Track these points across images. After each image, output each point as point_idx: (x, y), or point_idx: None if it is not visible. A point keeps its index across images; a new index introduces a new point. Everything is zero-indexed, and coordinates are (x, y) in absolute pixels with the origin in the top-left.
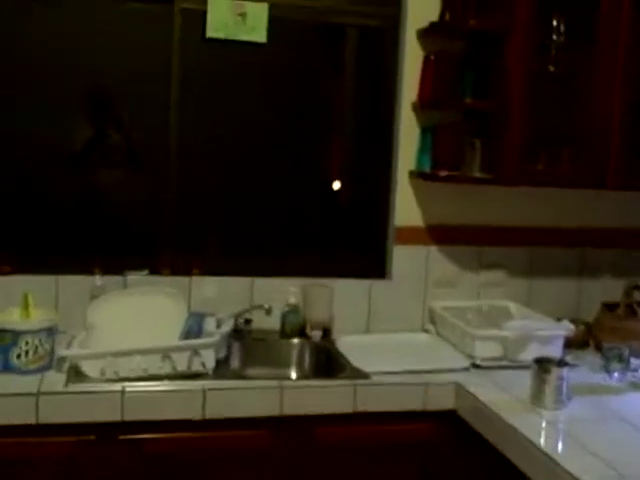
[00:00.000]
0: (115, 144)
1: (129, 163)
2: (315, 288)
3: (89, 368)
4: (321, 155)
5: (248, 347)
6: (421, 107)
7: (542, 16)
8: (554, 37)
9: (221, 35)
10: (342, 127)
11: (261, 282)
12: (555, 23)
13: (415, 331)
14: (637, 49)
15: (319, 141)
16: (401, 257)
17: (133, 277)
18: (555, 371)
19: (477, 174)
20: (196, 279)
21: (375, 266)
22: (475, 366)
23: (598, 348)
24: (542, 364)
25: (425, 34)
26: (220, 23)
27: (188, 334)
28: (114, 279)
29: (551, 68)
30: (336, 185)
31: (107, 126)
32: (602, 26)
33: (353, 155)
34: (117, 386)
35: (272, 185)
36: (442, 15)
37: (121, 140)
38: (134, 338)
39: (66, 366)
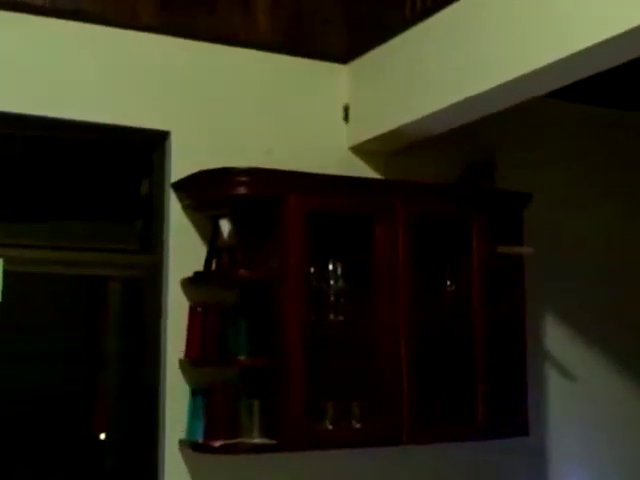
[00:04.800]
0: None
1: None
2: None
3: None
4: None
5: None
6: (189, 365)
7: (318, 261)
8: (332, 282)
9: None
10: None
11: None
12: (332, 267)
13: None
14: (417, 293)
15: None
16: None
17: None
18: None
19: (257, 440)
20: None
21: None
22: None
23: None
24: None
25: (190, 283)
26: None
27: None
28: None
29: (331, 316)
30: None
31: None
32: (379, 270)
33: (119, 427)
34: None
35: None
36: (208, 264)
37: None
38: None
39: None
